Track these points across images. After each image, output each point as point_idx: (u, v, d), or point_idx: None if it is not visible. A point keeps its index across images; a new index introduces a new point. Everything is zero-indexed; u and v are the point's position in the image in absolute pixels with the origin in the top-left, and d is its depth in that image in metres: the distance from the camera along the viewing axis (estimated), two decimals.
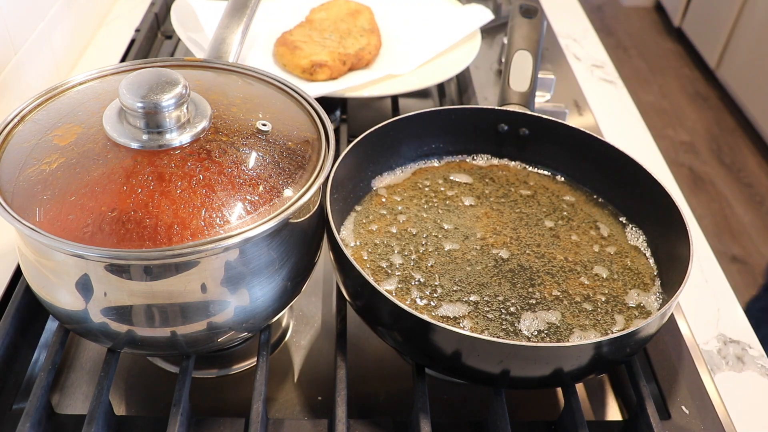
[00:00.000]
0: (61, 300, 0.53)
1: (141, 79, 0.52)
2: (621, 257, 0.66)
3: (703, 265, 0.77)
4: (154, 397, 0.62)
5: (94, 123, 0.53)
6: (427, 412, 0.54)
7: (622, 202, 0.71)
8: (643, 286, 0.63)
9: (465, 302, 0.60)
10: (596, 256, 0.66)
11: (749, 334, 0.70)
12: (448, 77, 0.94)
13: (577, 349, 0.51)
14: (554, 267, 0.64)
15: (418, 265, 0.63)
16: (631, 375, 0.59)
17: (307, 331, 0.68)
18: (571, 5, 1.31)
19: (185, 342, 0.54)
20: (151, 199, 0.48)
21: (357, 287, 0.56)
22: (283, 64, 0.93)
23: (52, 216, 0.48)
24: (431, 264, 0.63)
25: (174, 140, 0.52)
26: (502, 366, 0.52)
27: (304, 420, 0.58)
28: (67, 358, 0.64)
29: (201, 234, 0.48)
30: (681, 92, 3.03)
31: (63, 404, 0.60)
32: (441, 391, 0.63)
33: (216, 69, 0.64)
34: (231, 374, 0.64)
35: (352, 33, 0.98)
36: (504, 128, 0.74)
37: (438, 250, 0.65)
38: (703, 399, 0.61)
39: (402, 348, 0.58)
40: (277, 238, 0.53)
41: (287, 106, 0.60)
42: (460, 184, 0.73)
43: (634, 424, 0.58)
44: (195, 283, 0.50)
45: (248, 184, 0.51)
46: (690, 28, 3.23)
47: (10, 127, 0.55)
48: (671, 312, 0.58)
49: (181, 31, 0.94)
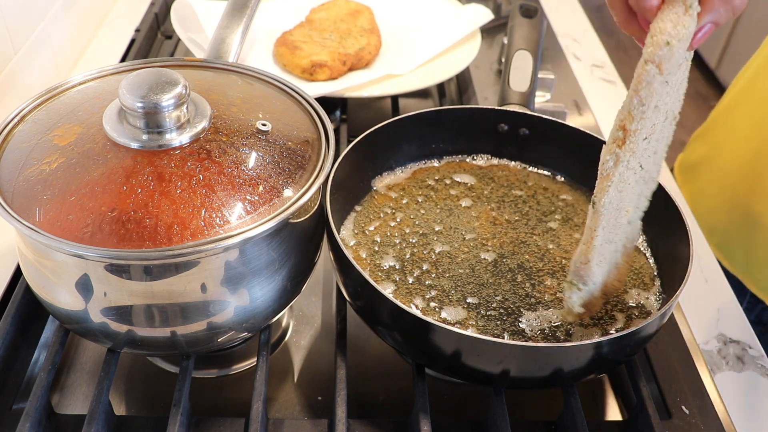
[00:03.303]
0: (61, 300, 0.53)
1: (141, 79, 0.52)
2: None
3: (703, 265, 0.77)
4: (154, 397, 0.62)
5: (94, 123, 0.53)
6: (427, 412, 0.54)
7: None
8: (643, 285, 0.63)
9: (465, 302, 0.60)
10: None
11: (749, 334, 0.70)
12: (448, 77, 0.94)
13: (577, 349, 0.51)
14: (555, 267, 0.64)
15: (419, 265, 0.63)
16: (631, 375, 0.59)
17: (307, 331, 0.68)
18: (571, 5, 1.31)
19: (185, 342, 0.54)
20: (151, 199, 0.48)
21: (357, 287, 0.56)
22: (283, 64, 0.93)
23: (52, 216, 0.48)
24: (431, 263, 0.63)
25: (174, 140, 0.52)
26: (502, 366, 0.52)
27: (304, 420, 0.58)
28: (67, 358, 0.64)
29: (201, 234, 0.48)
30: None
31: (63, 404, 0.60)
32: (441, 391, 0.63)
33: (216, 69, 0.64)
34: (231, 374, 0.64)
35: (352, 33, 0.98)
36: (504, 128, 0.74)
37: (438, 249, 0.65)
38: (703, 399, 0.61)
39: (402, 348, 0.58)
40: (277, 238, 0.53)
41: (287, 106, 0.60)
42: (460, 184, 0.73)
43: (634, 424, 0.58)
44: (195, 283, 0.50)
45: (248, 184, 0.51)
46: None
47: (10, 127, 0.55)
48: (671, 312, 0.58)
49: (181, 31, 0.94)
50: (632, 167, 0.46)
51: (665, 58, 0.43)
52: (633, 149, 0.45)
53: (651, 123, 0.45)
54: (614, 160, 0.46)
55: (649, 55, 0.43)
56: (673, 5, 0.43)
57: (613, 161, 0.46)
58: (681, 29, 0.43)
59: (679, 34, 0.43)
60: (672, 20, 0.43)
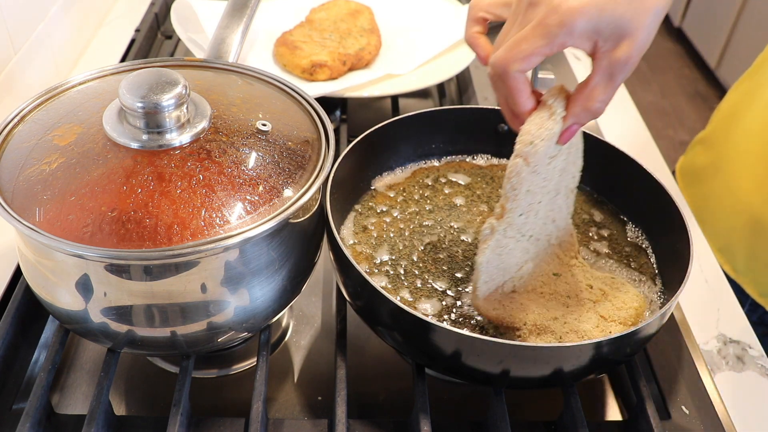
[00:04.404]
0: (61, 300, 0.53)
1: (141, 79, 0.52)
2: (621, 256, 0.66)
3: (703, 265, 0.77)
4: (154, 397, 0.62)
5: (94, 123, 0.53)
6: (427, 412, 0.54)
7: (622, 202, 0.71)
8: (644, 285, 0.63)
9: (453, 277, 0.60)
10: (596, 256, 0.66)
11: (749, 334, 0.70)
12: (448, 77, 0.94)
13: (577, 349, 0.51)
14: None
15: (419, 264, 0.63)
16: (631, 375, 0.59)
17: (307, 331, 0.68)
18: None
19: (185, 342, 0.54)
20: (151, 199, 0.48)
21: (357, 287, 0.56)
22: (283, 64, 0.93)
23: (52, 216, 0.48)
24: (432, 263, 0.63)
25: (174, 140, 0.52)
26: (502, 366, 0.52)
27: (304, 420, 0.58)
28: (67, 358, 0.64)
29: (201, 234, 0.48)
30: (681, 92, 3.03)
31: (63, 404, 0.60)
32: (441, 391, 0.63)
33: (216, 69, 0.64)
34: (231, 374, 0.64)
35: (352, 33, 0.98)
36: (504, 128, 0.74)
37: (438, 249, 0.65)
38: (703, 399, 0.61)
39: (402, 348, 0.58)
40: (277, 238, 0.53)
41: (287, 106, 0.60)
42: (460, 183, 0.73)
43: (634, 424, 0.58)
44: (195, 283, 0.50)
45: (248, 184, 0.51)
46: (690, 28, 3.23)
47: (10, 127, 0.55)
48: (671, 312, 0.58)
49: (181, 31, 0.94)
50: (510, 236, 0.55)
51: (530, 154, 0.51)
52: (510, 222, 0.54)
53: (526, 203, 0.54)
54: (490, 230, 0.55)
55: (517, 150, 0.51)
56: (540, 111, 0.51)
57: (489, 230, 0.55)
58: (544, 131, 0.51)
59: (542, 135, 0.51)
60: (537, 123, 0.51)
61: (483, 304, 0.57)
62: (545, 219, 0.58)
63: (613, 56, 0.49)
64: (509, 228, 0.55)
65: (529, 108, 0.52)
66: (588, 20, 0.47)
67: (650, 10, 0.48)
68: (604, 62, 0.49)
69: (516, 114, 0.52)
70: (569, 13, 0.47)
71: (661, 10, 0.49)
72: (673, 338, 0.66)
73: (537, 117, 0.51)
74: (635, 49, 0.48)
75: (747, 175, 0.90)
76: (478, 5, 0.58)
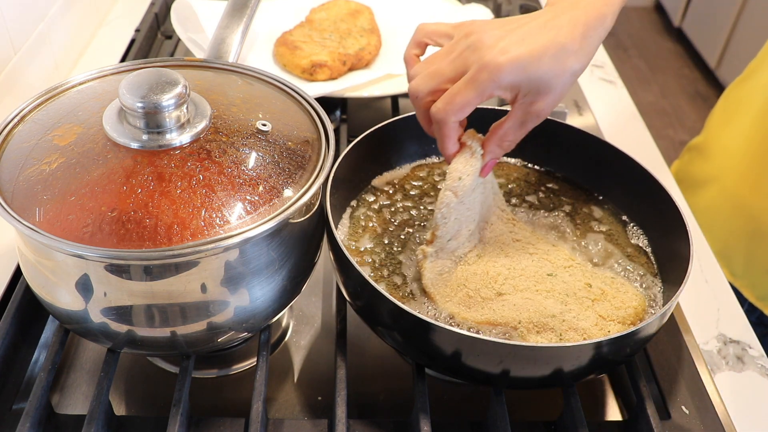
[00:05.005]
0: (61, 300, 0.53)
1: (141, 79, 0.52)
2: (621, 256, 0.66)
3: (703, 265, 0.77)
4: (154, 397, 0.62)
5: (94, 123, 0.53)
6: (427, 412, 0.54)
7: (623, 202, 0.71)
8: (644, 285, 0.63)
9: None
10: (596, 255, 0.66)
11: (749, 334, 0.70)
12: None
13: (577, 349, 0.51)
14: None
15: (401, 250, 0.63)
16: (631, 375, 0.59)
17: (307, 331, 0.68)
18: None
19: (185, 342, 0.54)
20: (151, 199, 0.48)
21: (357, 287, 0.56)
22: (283, 64, 0.93)
23: (52, 216, 0.48)
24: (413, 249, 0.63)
25: (174, 140, 0.52)
26: (502, 366, 0.52)
27: (304, 420, 0.58)
28: (67, 358, 0.64)
29: (201, 234, 0.48)
30: (681, 92, 3.03)
31: (63, 404, 0.60)
32: (441, 391, 0.63)
33: (216, 69, 0.64)
34: (231, 374, 0.64)
35: (352, 33, 0.98)
36: None
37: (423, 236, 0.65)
38: (703, 399, 0.61)
39: (402, 348, 0.58)
40: (277, 238, 0.53)
41: (287, 106, 0.60)
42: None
43: (634, 424, 0.58)
44: (195, 283, 0.50)
45: (248, 184, 0.51)
46: (690, 28, 3.23)
47: (10, 127, 0.55)
48: (671, 312, 0.58)
49: (181, 31, 0.94)
50: (443, 257, 0.61)
51: (459, 188, 0.59)
52: (441, 246, 0.61)
53: (455, 229, 0.61)
54: (422, 255, 0.61)
55: (447, 185, 0.59)
56: (464, 152, 0.60)
57: (422, 255, 0.61)
58: (469, 167, 0.59)
59: (467, 171, 0.59)
60: (462, 162, 0.59)
61: (469, 314, 0.58)
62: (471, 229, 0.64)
63: (530, 109, 0.56)
64: (441, 251, 0.61)
65: (455, 151, 0.60)
66: (514, 77, 0.54)
67: (569, 71, 0.54)
68: (519, 112, 0.57)
69: (445, 155, 0.60)
70: (497, 70, 0.53)
71: (578, 69, 0.55)
72: (673, 338, 0.66)
73: (462, 157, 0.60)
74: (549, 104, 0.56)
75: (743, 181, 0.90)
76: (423, 30, 0.64)
